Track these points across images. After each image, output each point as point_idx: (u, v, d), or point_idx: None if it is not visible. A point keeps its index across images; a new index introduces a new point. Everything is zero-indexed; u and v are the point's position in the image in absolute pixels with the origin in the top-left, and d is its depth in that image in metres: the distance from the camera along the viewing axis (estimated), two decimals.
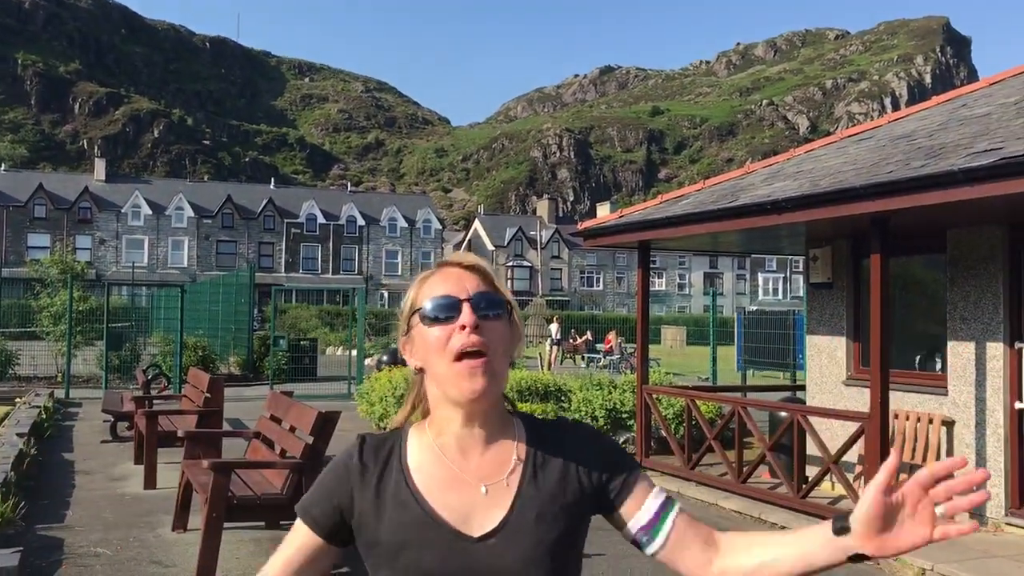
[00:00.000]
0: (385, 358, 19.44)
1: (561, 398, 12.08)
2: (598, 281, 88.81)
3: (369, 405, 13.50)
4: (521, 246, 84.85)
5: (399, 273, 78.41)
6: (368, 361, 21.53)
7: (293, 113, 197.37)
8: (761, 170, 10.01)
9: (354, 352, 19.61)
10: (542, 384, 12.31)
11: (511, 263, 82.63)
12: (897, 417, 8.21)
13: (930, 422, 8.05)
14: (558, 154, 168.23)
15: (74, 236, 68.29)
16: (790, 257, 61.57)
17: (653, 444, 10.69)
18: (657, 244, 10.67)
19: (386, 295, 75.55)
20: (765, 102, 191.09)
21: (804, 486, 8.13)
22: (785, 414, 8.70)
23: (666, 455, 10.55)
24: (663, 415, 10.52)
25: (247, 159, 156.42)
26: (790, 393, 11.56)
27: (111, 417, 11.85)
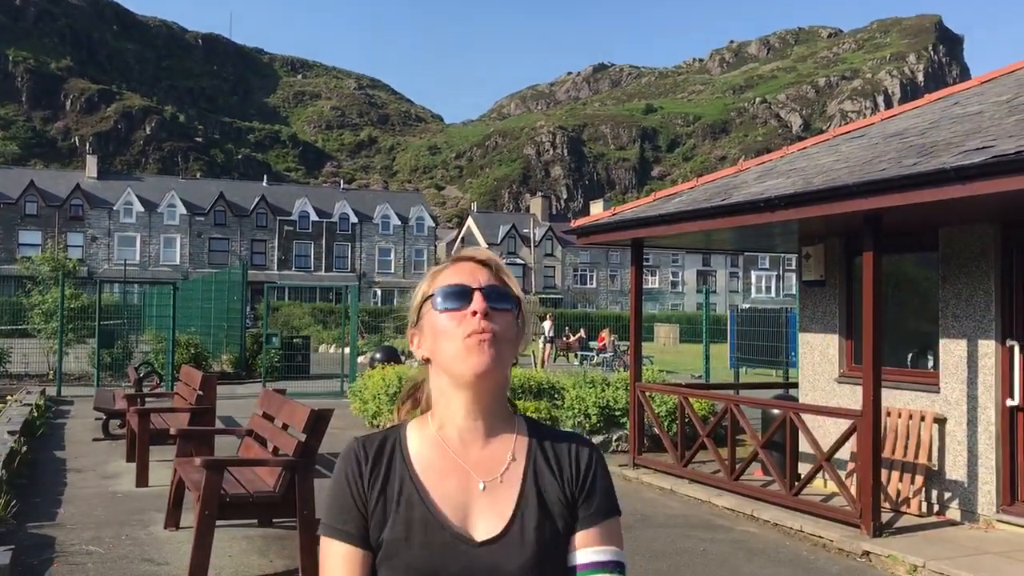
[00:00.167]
0: (378, 356, 19.38)
1: (554, 396, 12.07)
2: (591, 279, 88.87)
3: (362, 403, 13.48)
4: (514, 244, 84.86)
5: (392, 271, 78.33)
6: (361, 359, 21.50)
7: (286, 110, 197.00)
8: (754, 168, 10.03)
9: (347, 350, 19.59)
10: (535, 382, 12.31)
11: (504, 261, 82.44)
12: (889, 414, 8.24)
13: (922, 419, 8.08)
14: (551, 151, 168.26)
15: (65, 233, 68.02)
16: (783, 255, 61.71)
17: (646, 442, 10.71)
18: (650, 242, 10.69)
19: (379, 293, 75.45)
20: (758, 100, 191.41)
21: (796, 483, 8.15)
22: (778, 412, 8.73)
23: (659, 452, 10.57)
24: (656, 413, 10.54)
25: (239, 156, 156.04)
26: (783, 391, 11.61)
27: (103, 415, 11.82)
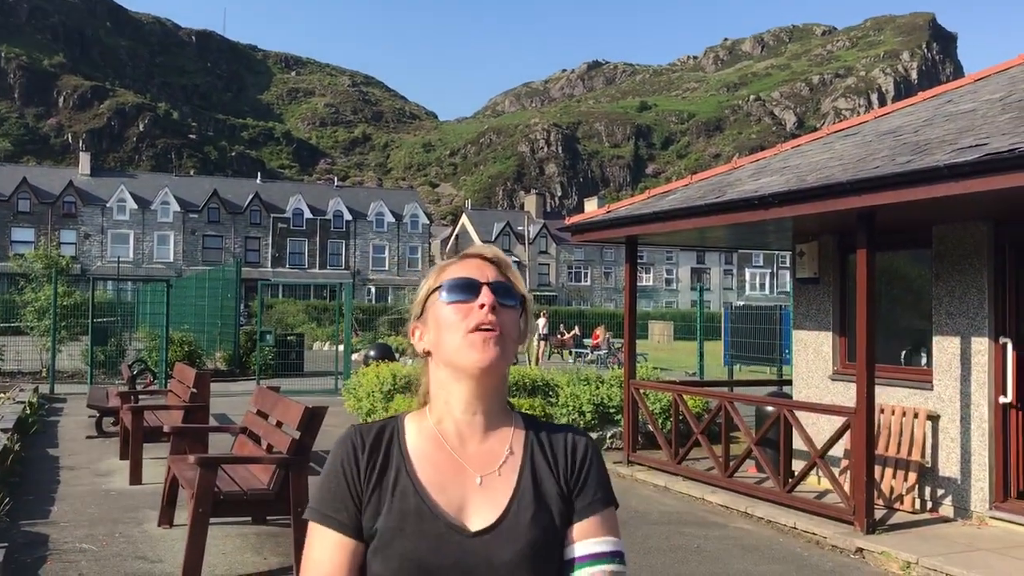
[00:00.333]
0: (372, 353, 19.36)
1: (549, 393, 12.08)
2: (585, 276, 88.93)
3: (356, 400, 13.46)
4: (509, 241, 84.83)
5: (386, 268, 78.25)
6: (355, 356, 21.48)
7: (280, 107, 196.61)
8: (748, 165, 10.04)
9: (341, 347, 19.57)
10: (530, 379, 12.31)
11: None
12: (883, 412, 8.25)
13: (915, 417, 8.10)
14: (546, 149, 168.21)
15: (58, 230, 67.75)
16: (777, 252, 61.84)
17: (640, 439, 10.72)
18: (645, 239, 10.69)
19: (373, 290, 75.39)
20: (752, 97, 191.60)
21: (790, 480, 8.17)
22: (771, 409, 8.74)
23: (653, 450, 10.59)
24: (650, 410, 10.55)
25: (233, 153, 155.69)
26: (777, 388, 11.63)
27: (96, 412, 11.78)
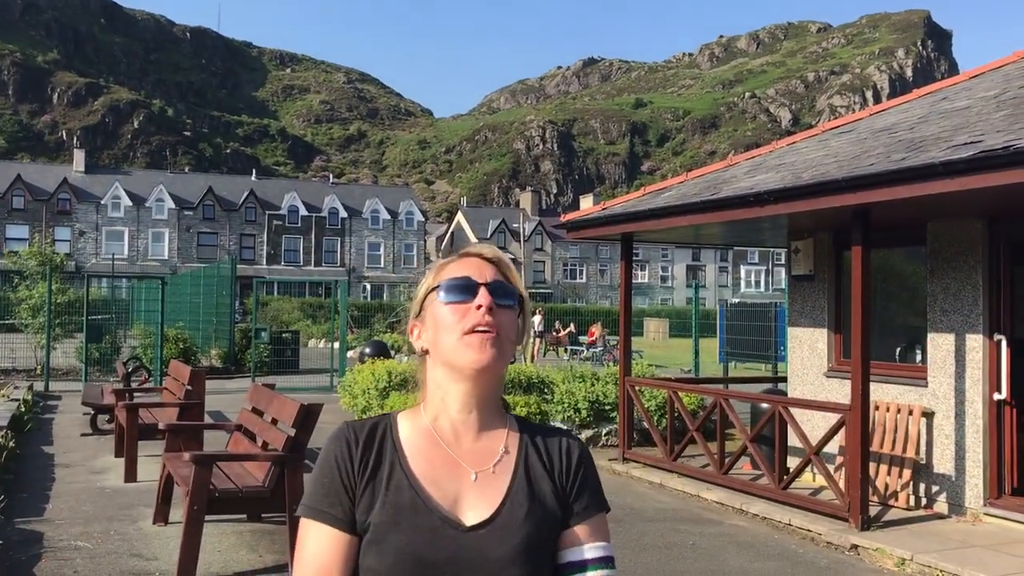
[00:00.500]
0: (368, 350, 19.31)
1: (544, 390, 12.08)
2: (581, 273, 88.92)
3: (352, 398, 13.46)
4: (504, 238, 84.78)
5: (381, 265, 78.17)
6: (351, 353, 21.45)
7: (275, 104, 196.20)
8: (743, 163, 10.04)
9: (336, 345, 19.55)
10: (525, 376, 12.31)
11: None
12: (878, 408, 8.27)
13: (910, 413, 8.12)
14: (541, 146, 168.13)
15: (53, 227, 67.62)
16: (772, 249, 61.88)
17: (636, 436, 10.74)
18: (640, 236, 10.70)
19: (368, 287, 75.30)
20: (747, 95, 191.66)
21: (785, 477, 8.18)
22: (767, 406, 8.76)
23: (648, 447, 10.61)
24: (646, 407, 10.56)
25: (228, 150, 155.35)
26: (772, 385, 11.63)
27: (91, 410, 11.76)
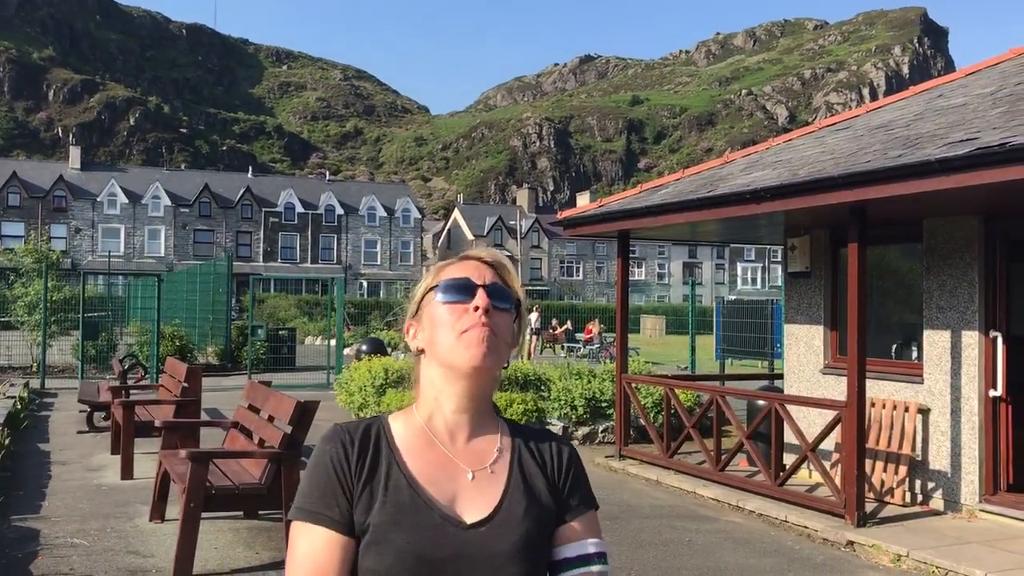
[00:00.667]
0: (364, 348, 19.29)
1: (541, 387, 12.08)
2: (578, 271, 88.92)
3: (348, 395, 13.45)
4: (501, 236, 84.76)
5: (378, 262, 78.13)
6: (347, 351, 21.44)
7: (271, 101, 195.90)
8: (740, 160, 10.05)
9: (333, 342, 19.54)
10: (522, 373, 12.30)
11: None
12: (874, 405, 8.29)
13: (906, 410, 8.14)
14: (538, 143, 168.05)
15: (49, 225, 67.49)
16: (769, 247, 61.90)
17: (632, 433, 10.75)
18: (637, 233, 10.70)
19: (365, 285, 75.25)
20: (744, 92, 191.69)
21: (781, 474, 8.20)
22: (763, 403, 8.77)
23: (645, 444, 10.61)
24: (642, 404, 10.57)
25: (224, 147, 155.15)
26: (768, 382, 11.65)
27: (87, 407, 11.75)
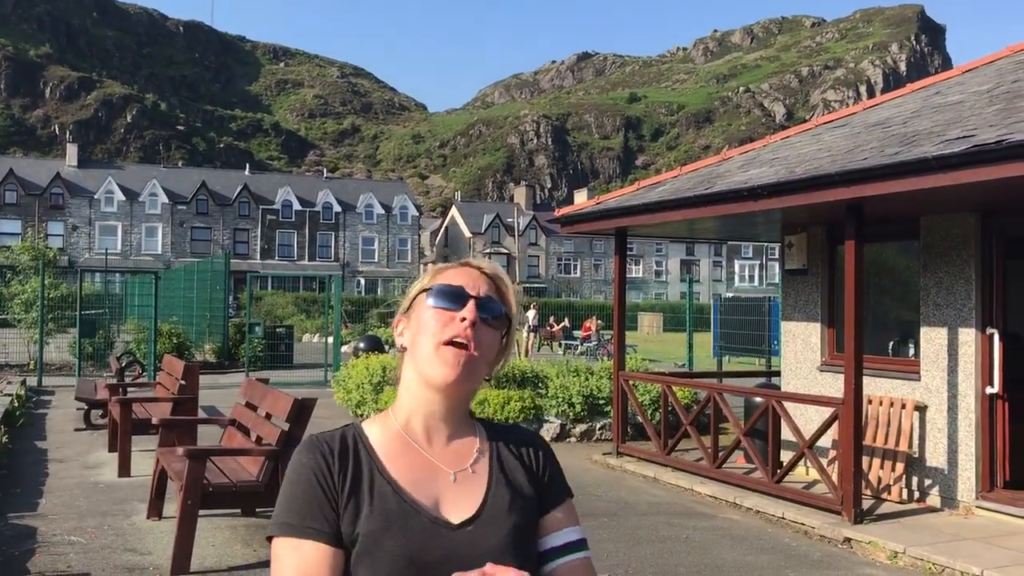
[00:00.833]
0: (362, 345, 19.31)
1: (538, 384, 12.08)
2: (575, 268, 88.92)
3: (346, 392, 13.45)
4: (498, 233, 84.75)
5: (375, 260, 78.12)
6: (345, 348, 21.45)
7: (268, 98, 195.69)
8: (737, 157, 10.05)
9: (330, 339, 19.54)
10: (519, 371, 12.30)
11: (488, 250, 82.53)
12: (871, 402, 8.30)
13: (903, 407, 8.15)
14: (535, 141, 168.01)
15: (46, 222, 67.43)
16: (766, 244, 61.90)
17: (630, 430, 10.75)
18: (634, 231, 10.70)
19: (362, 282, 75.24)
20: (742, 89, 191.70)
21: (779, 471, 8.20)
22: (760, 400, 8.78)
23: (642, 441, 10.63)
24: (640, 401, 10.58)
25: (221, 145, 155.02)
26: (765, 379, 11.67)
27: (85, 405, 11.74)
